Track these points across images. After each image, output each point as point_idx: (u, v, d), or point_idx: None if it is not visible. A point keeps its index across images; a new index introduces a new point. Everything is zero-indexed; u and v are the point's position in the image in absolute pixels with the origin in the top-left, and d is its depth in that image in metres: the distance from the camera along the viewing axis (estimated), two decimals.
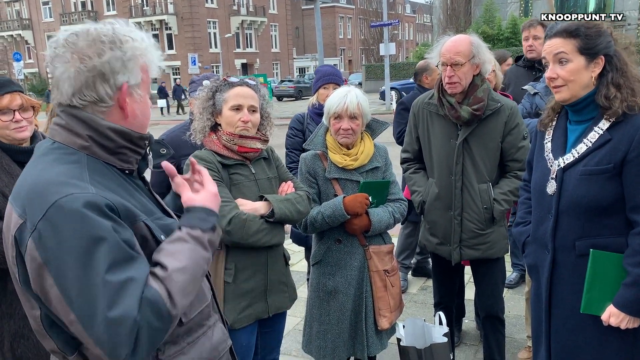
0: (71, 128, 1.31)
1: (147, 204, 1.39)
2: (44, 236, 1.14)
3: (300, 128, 3.82)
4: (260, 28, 50.10)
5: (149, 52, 1.38)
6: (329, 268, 2.77)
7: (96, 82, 1.29)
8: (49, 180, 1.21)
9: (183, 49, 42.41)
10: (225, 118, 2.36)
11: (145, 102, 1.40)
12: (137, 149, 1.39)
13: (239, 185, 2.37)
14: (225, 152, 2.37)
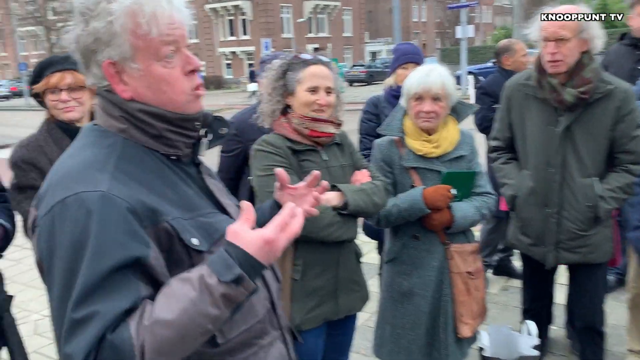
0: (107, 110, 1.15)
1: (191, 198, 1.16)
2: (42, 234, 1.03)
3: (375, 112, 3.54)
4: (333, 12, 49.74)
5: (138, 8, 1.07)
6: (404, 267, 2.51)
7: (86, 63, 1.12)
8: (68, 170, 1.07)
9: (257, 34, 42.84)
10: (299, 100, 2.14)
11: (154, 73, 1.11)
12: (183, 131, 1.17)
13: (309, 173, 2.14)
14: (295, 137, 2.15)
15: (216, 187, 1.29)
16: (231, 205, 1.31)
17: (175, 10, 1.10)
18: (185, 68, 1.14)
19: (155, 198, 1.07)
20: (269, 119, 2.20)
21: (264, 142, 2.13)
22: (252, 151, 2.16)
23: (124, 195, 1.02)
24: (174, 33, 1.11)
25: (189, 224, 1.11)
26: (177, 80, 1.13)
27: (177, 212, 1.10)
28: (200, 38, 47.77)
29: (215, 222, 1.18)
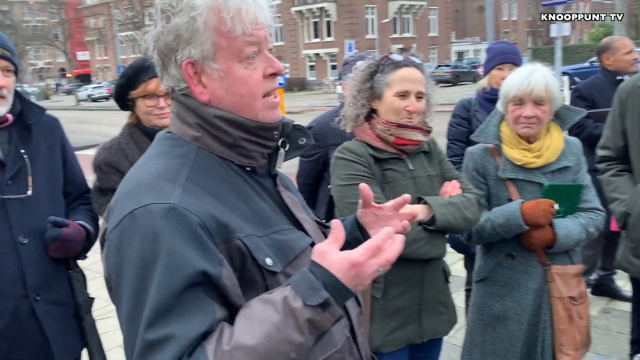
0: (182, 116, 1.09)
1: (265, 212, 1.08)
2: (110, 249, 0.98)
3: (466, 116, 3.30)
4: (419, 12, 48.87)
5: (223, 3, 1.01)
6: (497, 288, 2.28)
7: (164, 64, 1.06)
8: (138, 181, 1.02)
9: (341, 36, 42.93)
10: (386, 104, 1.98)
11: (234, 74, 1.04)
12: (260, 140, 1.08)
13: (393, 184, 1.98)
14: (379, 144, 1.99)
15: (292, 201, 1.19)
16: (308, 220, 1.20)
17: (260, 10, 1.05)
18: (266, 70, 1.07)
19: (228, 212, 1.00)
20: (351, 124, 2.06)
21: (345, 150, 1.99)
22: (332, 158, 2.03)
23: (195, 209, 0.95)
24: (258, 34, 1.05)
25: (262, 241, 1.02)
26: (257, 83, 1.06)
27: (251, 228, 1.02)
28: (285, 40, 48.63)
29: (290, 240, 1.08)
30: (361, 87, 2.03)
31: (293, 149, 1.17)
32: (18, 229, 1.94)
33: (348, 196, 1.91)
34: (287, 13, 47.39)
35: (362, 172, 1.94)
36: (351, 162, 1.96)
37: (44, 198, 2.04)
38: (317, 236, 1.19)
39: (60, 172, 2.18)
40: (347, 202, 1.91)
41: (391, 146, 1.99)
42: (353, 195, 1.88)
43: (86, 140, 15.08)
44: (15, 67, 1.99)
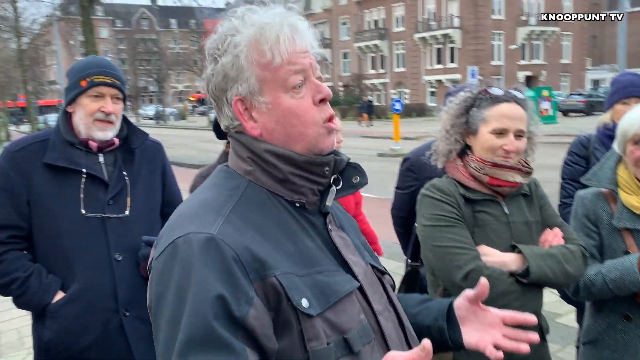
0: (237, 151, 1.10)
1: (310, 251, 1.02)
2: (154, 278, 0.97)
3: (584, 154, 2.99)
4: (551, 38, 46.41)
5: (260, 35, 1.02)
6: (608, 353, 1.99)
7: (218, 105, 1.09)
8: (187, 209, 1.03)
9: (464, 62, 41.99)
10: (481, 142, 1.83)
11: (282, 105, 1.03)
12: (310, 176, 1.05)
13: (485, 228, 1.81)
14: (471, 184, 1.85)
15: (343, 242, 1.12)
16: (359, 263, 1.11)
17: (300, 37, 1.05)
18: (315, 97, 1.06)
19: (269, 248, 0.97)
20: (442, 159, 1.94)
21: (433, 187, 1.87)
22: (419, 195, 1.91)
23: (232, 242, 0.94)
24: (302, 62, 1.04)
25: (301, 281, 0.97)
26: (307, 111, 1.05)
27: (291, 266, 0.97)
28: (407, 66, 48.58)
29: (334, 283, 1.01)
30: (455, 121, 1.90)
31: (346, 187, 1.12)
32: (115, 246, 2.05)
33: (434, 238, 1.79)
34: (410, 40, 47.41)
35: (450, 213, 1.80)
36: (439, 201, 1.83)
37: (141, 218, 2.15)
38: (369, 281, 1.11)
39: (158, 193, 2.29)
40: (432, 244, 1.79)
41: (485, 187, 1.84)
42: (439, 238, 1.77)
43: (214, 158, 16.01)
44: (124, 95, 2.14)
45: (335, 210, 1.16)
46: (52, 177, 2.01)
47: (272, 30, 1.02)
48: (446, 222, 1.78)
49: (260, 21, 1.03)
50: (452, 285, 1.74)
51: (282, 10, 1.05)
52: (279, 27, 1.02)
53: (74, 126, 2.08)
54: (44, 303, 1.99)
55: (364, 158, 16.71)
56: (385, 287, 1.16)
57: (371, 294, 1.07)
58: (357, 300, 1.04)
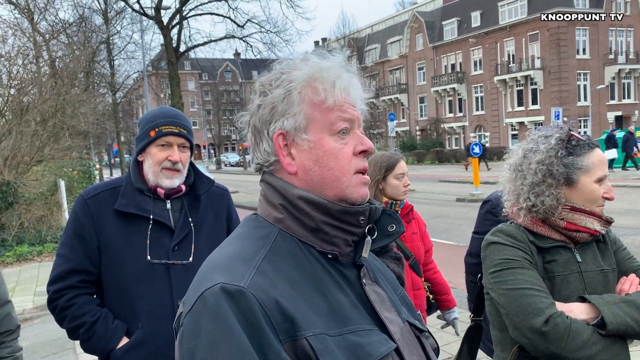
0: (268, 197, 1.06)
1: (343, 308, 0.97)
2: (185, 334, 0.91)
3: None
4: None
5: (318, 75, 1.03)
6: None
7: (256, 140, 1.07)
8: (216, 261, 0.99)
9: (547, 104, 40.59)
10: (585, 192, 1.68)
11: (325, 146, 1.02)
12: (344, 226, 1.00)
13: (555, 280, 1.66)
14: (541, 229, 1.70)
15: (379, 297, 1.05)
16: (396, 321, 1.04)
17: (354, 89, 1.06)
18: (357, 147, 1.05)
19: (300, 304, 0.92)
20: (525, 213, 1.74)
21: (501, 233, 1.72)
22: (483, 242, 1.76)
23: (264, 298, 0.90)
24: (351, 112, 1.04)
25: (334, 342, 0.91)
26: (346, 158, 1.03)
27: (323, 324, 0.92)
28: (486, 109, 47.67)
29: (369, 344, 0.94)
30: (549, 172, 1.69)
31: (382, 237, 1.06)
32: (178, 292, 2.06)
33: (506, 282, 1.63)
34: (489, 82, 46.65)
35: (523, 257, 1.65)
36: (509, 246, 1.68)
37: None
38: (406, 341, 1.03)
39: (222, 239, 2.29)
40: (505, 288, 1.63)
41: (556, 232, 1.69)
42: (513, 281, 1.61)
43: None
44: (191, 144, 2.19)
45: (370, 261, 1.11)
46: (121, 223, 2.07)
47: (330, 74, 1.03)
48: (519, 265, 1.64)
49: (320, 64, 1.04)
50: (530, 332, 1.56)
51: (342, 60, 1.06)
52: (337, 73, 1.04)
53: (144, 174, 2.14)
54: (108, 348, 2.01)
55: (442, 203, 16.32)
56: (424, 347, 1.08)
57: (408, 355, 1.00)
58: None
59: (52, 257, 10.05)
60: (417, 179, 24.70)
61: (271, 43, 25.61)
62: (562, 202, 1.67)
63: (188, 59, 37.64)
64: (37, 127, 12.21)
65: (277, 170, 1.05)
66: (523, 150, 1.76)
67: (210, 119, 72.69)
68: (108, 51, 29.13)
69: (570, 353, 1.53)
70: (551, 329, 1.53)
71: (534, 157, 1.71)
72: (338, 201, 1.02)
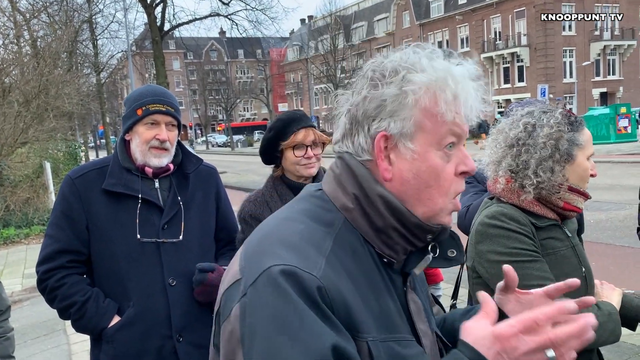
0: (341, 180, 0.99)
1: (391, 313, 0.94)
2: (249, 307, 0.85)
3: None
4: (627, 52, 44.20)
5: (443, 83, 0.93)
6: None
7: (352, 130, 0.98)
8: (281, 236, 0.93)
9: (534, 81, 40.68)
10: (580, 170, 1.68)
11: (429, 160, 0.94)
12: (409, 237, 0.97)
13: (555, 255, 1.68)
14: (538, 209, 1.69)
15: (417, 308, 1.03)
16: (428, 333, 1.02)
17: (475, 106, 0.96)
18: (459, 167, 0.97)
19: (360, 303, 0.89)
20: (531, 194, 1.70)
21: (505, 217, 1.66)
22: (480, 226, 1.71)
23: (334, 293, 0.86)
24: (463, 128, 0.96)
25: (382, 348, 0.89)
26: (447, 179, 0.96)
27: (374, 326, 0.90)
28: None
29: (409, 357, 0.92)
30: (555, 147, 1.65)
31: (439, 259, 1.03)
32: (168, 270, 2.07)
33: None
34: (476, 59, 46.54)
35: (530, 246, 1.63)
36: (516, 232, 1.64)
37: (195, 242, 2.17)
38: (433, 353, 1.02)
39: (212, 218, 2.30)
40: None
41: (552, 211, 1.70)
42: (523, 277, 1.54)
43: None
44: (178, 122, 2.18)
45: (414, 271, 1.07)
46: (109, 202, 2.07)
47: (457, 87, 0.94)
48: (529, 257, 1.61)
49: (449, 71, 0.94)
50: None
51: (473, 69, 0.98)
52: (464, 87, 0.95)
53: (131, 153, 2.14)
54: (100, 327, 2.03)
55: None
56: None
57: None
58: None
59: (40, 239, 10.00)
60: None
61: (257, 21, 25.33)
62: (566, 178, 1.66)
63: (173, 38, 37.04)
64: (20, 108, 12.03)
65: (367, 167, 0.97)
66: (523, 125, 1.70)
67: (196, 98, 72.01)
68: (91, 30, 28.58)
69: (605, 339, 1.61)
70: None
71: (541, 131, 1.66)
72: (422, 218, 0.96)
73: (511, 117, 1.75)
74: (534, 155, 1.65)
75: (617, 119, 25.21)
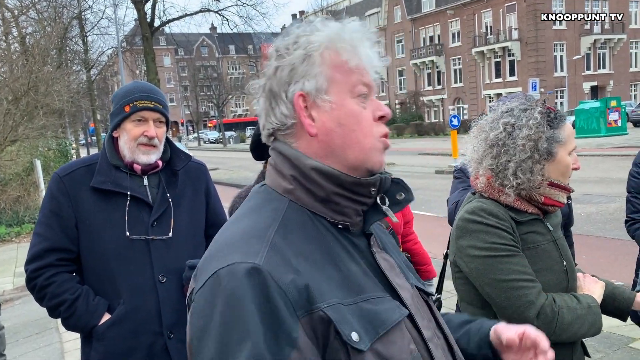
0: (278, 168, 1.04)
1: (355, 276, 0.97)
2: (196, 312, 0.92)
3: None
4: (617, 46, 44.45)
5: (341, 37, 1.01)
6: None
7: (272, 104, 1.03)
8: (228, 237, 0.97)
9: (525, 75, 40.85)
10: (561, 166, 1.68)
11: (347, 107, 1.01)
12: (355, 197, 1.00)
13: (536, 250, 1.68)
14: (519, 205, 1.69)
15: (388, 264, 1.05)
16: (406, 287, 1.05)
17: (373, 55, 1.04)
18: (376, 113, 1.04)
19: (314, 276, 0.92)
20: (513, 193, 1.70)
21: (484, 212, 1.66)
22: (461, 221, 1.72)
23: (278, 274, 0.88)
24: (369, 77, 1.04)
25: (349, 311, 0.91)
26: (368, 121, 1.02)
27: (338, 294, 0.92)
28: (464, 82, 47.81)
29: (383, 311, 0.95)
30: (536, 147, 1.65)
31: (391, 205, 1.06)
32: (158, 267, 2.07)
33: (495, 271, 1.62)
34: (467, 54, 46.70)
35: (510, 241, 1.63)
36: (494, 227, 1.64)
37: (185, 239, 2.16)
38: (417, 305, 1.04)
39: (202, 215, 2.30)
40: (493, 278, 1.62)
41: (532, 206, 1.70)
42: (502, 271, 1.60)
43: None
44: (167, 119, 2.17)
45: (376, 230, 1.11)
46: (98, 200, 2.06)
47: (353, 37, 1.02)
48: (507, 252, 1.62)
49: (343, 26, 1.03)
50: (521, 324, 1.60)
51: (363, 26, 1.05)
52: (359, 37, 1.02)
53: (119, 150, 2.12)
54: (90, 325, 2.02)
55: (422, 176, 16.46)
56: (432, 310, 1.10)
57: (420, 320, 1.01)
58: (407, 328, 0.98)
59: (31, 238, 9.93)
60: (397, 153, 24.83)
61: (247, 16, 25.26)
62: (546, 177, 1.66)
63: (163, 34, 36.89)
64: (9, 106, 11.94)
65: (293, 135, 1.03)
66: (503, 125, 1.68)
67: (187, 95, 71.71)
68: (80, 27, 28.36)
69: (557, 337, 1.58)
70: (542, 321, 1.57)
71: (520, 132, 1.65)
72: (355, 168, 1.00)
73: (492, 115, 1.75)
74: (513, 157, 1.64)
75: (608, 112, 25.35)
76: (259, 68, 62.52)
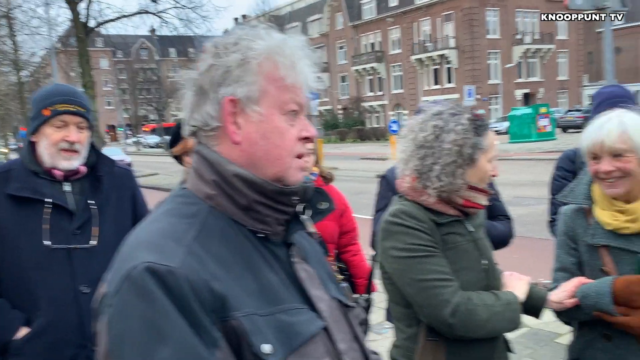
0: (200, 172, 1.02)
1: (273, 287, 0.97)
2: (113, 318, 0.87)
3: (572, 168, 2.93)
4: (547, 55, 46.78)
5: (282, 50, 1.00)
6: None
7: (199, 101, 1.00)
8: (142, 239, 0.94)
9: (462, 82, 42.26)
10: (481, 172, 1.74)
11: (274, 121, 1.00)
12: (276, 206, 0.99)
13: (456, 249, 1.75)
14: (439, 206, 1.75)
15: (308, 275, 1.05)
16: (324, 299, 1.05)
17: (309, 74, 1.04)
18: (301, 133, 1.04)
19: (231, 284, 0.91)
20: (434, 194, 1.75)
21: (404, 215, 1.72)
22: (383, 223, 1.78)
23: (194, 279, 0.87)
24: (302, 96, 1.04)
25: (265, 322, 0.91)
26: (291, 139, 1.02)
27: (254, 304, 0.92)
28: (404, 88, 48.90)
29: (298, 323, 0.95)
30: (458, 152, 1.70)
31: (313, 215, 1.07)
32: (81, 278, 2.00)
33: (413, 271, 1.67)
34: (406, 61, 47.82)
35: (428, 241, 1.69)
36: (413, 229, 1.70)
37: (109, 248, 2.07)
38: (334, 318, 1.05)
39: (128, 222, 2.23)
40: (411, 278, 1.67)
41: (452, 208, 1.77)
42: (420, 271, 1.66)
43: None
44: (89, 123, 2.11)
45: (301, 240, 1.11)
46: (15, 208, 1.97)
47: (293, 53, 1.01)
48: (425, 252, 1.67)
49: (285, 39, 1.02)
50: (439, 323, 1.66)
51: (305, 42, 1.04)
52: (300, 54, 1.02)
53: (38, 155, 2.04)
54: (5, 340, 1.92)
55: (364, 180, 16.67)
56: (350, 322, 1.10)
57: (336, 333, 1.02)
58: (322, 341, 0.98)
59: None
60: (340, 157, 25.08)
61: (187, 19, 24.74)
62: (466, 181, 1.72)
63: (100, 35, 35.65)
64: None
65: (215, 137, 1.01)
66: (432, 128, 1.73)
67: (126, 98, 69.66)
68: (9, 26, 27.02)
69: (475, 334, 1.66)
70: (457, 318, 1.62)
71: (447, 136, 1.70)
72: (274, 180, 1.00)
73: (422, 116, 1.80)
74: (438, 160, 1.69)
75: (538, 118, 26.59)
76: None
